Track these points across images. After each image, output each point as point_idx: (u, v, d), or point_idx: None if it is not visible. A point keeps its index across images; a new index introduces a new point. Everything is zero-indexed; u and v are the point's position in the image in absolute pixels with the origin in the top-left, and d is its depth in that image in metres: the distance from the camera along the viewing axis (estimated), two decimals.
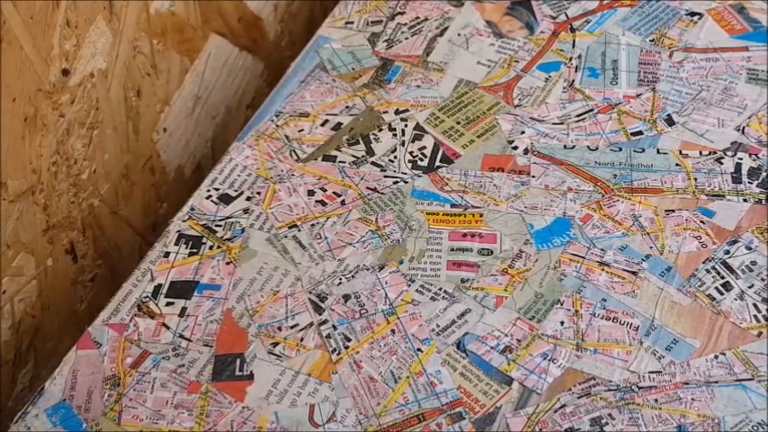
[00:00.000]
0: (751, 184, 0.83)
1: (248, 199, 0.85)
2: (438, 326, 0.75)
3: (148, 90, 0.95)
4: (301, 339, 0.75)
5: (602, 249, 0.79)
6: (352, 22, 1.00)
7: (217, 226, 0.83)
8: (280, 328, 0.75)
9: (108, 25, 0.86)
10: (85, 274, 0.94)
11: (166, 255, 0.81)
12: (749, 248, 0.78)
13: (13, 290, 0.84)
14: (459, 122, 0.89)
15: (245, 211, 0.84)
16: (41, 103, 0.80)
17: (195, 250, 0.81)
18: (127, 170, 0.96)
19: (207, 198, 0.85)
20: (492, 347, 0.74)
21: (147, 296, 0.78)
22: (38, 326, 0.89)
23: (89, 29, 0.83)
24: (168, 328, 0.76)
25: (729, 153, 0.85)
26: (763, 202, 0.81)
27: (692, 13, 0.98)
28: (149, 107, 0.97)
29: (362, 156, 0.87)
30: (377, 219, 0.82)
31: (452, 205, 0.83)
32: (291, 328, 0.75)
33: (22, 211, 0.81)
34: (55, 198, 0.86)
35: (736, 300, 0.75)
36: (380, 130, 0.89)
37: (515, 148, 0.87)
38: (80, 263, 0.93)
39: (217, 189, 0.86)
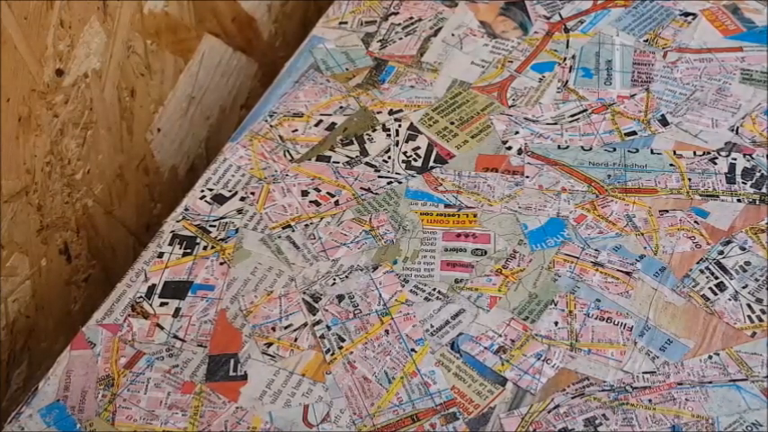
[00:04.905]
0: (745, 184, 0.83)
1: (242, 199, 0.84)
2: (432, 326, 0.75)
3: (142, 90, 0.95)
4: (295, 340, 0.75)
5: (596, 250, 0.79)
6: (345, 23, 1.00)
7: (211, 226, 0.82)
8: (273, 329, 0.75)
9: (102, 25, 0.85)
10: (79, 274, 0.94)
11: (160, 255, 0.81)
12: (743, 249, 0.78)
13: (7, 290, 0.84)
14: (453, 123, 0.89)
15: (239, 211, 0.84)
16: (35, 103, 0.80)
17: (189, 250, 0.81)
18: (121, 170, 0.96)
19: (201, 198, 0.85)
20: (486, 348, 0.74)
21: (141, 296, 0.78)
22: (32, 326, 0.89)
23: (83, 29, 0.83)
24: (162, 328, 0.76)
25: (723, 153, 0.85)
26: (758, 202, 0.81)
27: (686, 14, 0.98)
28: (143, 107, 0.96)
29: (356, 156, 0.87)
30: (371, 219, 0.82)
31: (446, 206, 0.83)
32: (285, 328, 0.75)
33: (15, 211, 0.81)
34: (49, 198, 0.85)
35: (730, 300, 0.75)
36: (374, 130, 0.89)
37: (509, 148, 0.87)
38: (74, 263, 0.92)
39: (211, 189, 0.86)
